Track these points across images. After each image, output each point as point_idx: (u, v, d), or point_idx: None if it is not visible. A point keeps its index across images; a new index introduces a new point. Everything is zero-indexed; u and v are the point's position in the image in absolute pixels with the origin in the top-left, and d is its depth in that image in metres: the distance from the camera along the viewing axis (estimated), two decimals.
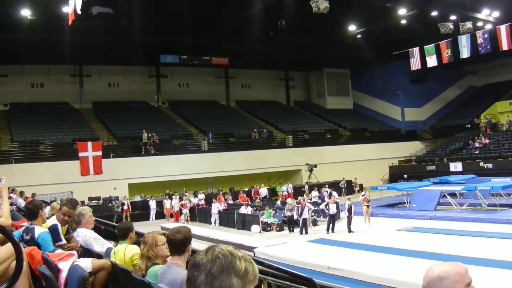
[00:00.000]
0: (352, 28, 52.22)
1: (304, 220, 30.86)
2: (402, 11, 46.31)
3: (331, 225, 30.61)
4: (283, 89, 70.93)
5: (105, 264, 6.70)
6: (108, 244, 8.61)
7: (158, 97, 60.69)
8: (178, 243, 5.32)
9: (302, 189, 46.43)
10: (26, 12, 39.65)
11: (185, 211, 39.37)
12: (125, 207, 39.95)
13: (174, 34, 48.16)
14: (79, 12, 28.34)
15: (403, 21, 48.31)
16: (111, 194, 42.12)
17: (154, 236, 6.38)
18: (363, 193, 34.94)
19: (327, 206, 31.41)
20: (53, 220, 8.55)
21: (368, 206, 32.80)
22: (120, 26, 43.57)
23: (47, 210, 12.60)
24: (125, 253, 7.19)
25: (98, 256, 7.76)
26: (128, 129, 51.62)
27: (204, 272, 2.39)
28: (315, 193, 42.77)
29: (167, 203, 40.31)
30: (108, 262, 6.71)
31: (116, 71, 57.62)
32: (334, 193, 39.45)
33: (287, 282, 7.99)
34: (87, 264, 6.67)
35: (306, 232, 30.69)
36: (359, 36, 54.16)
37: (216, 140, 53.47)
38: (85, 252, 7.89)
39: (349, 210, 30.53)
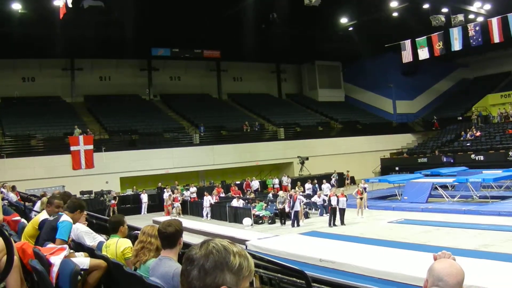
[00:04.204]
0: (344, 20, 52.20)
1: (296, 212, 30.88)
2: (394, 4, 46.38)
3: (332, 218, 30.56)
4: (275, 81, 70.93)
5: (102, 264, 6.69)
6: (100, 238, 8.60)
7: (149, 91, 60.55)
8: (170, 236, 5.32)
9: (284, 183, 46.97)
10: (17, 6, 39.52)
11: (177, 204, 39.30)
12: (113, 201, 39.78)
13: (165, 27, 48.04)
14: (70, 5, 28.28)
15: (395, 14, 48.34)
16: (102, 188, 42.03)
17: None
18: (362, 185, 34.94)
19: (329, 199, 31.34)
20: (44, 215, 8.52)
21: (361, 199, 32.77)
22: (111, 19, 43.45)
23: (38, 204, 12.59)
24: (117, 246, 7.21)
25: (90, 250, 7.75)
26: (120, 122, 51.45)
27: (197, 267, 2.39)
28: (308, 185, 42.81)
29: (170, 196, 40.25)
30: (105, 263, 6.69)
31: (108, 64, 57.46)
32: (327, 185, 39.59)
33: (278, 275, 8.01)
34: (85, 261, 6.67)
35: (298, 225, 30.74)
36: (351, 28, 54.20)
37: (208, 133, 53.44)
38: (77, 246, 7.87)
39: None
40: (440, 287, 2.89)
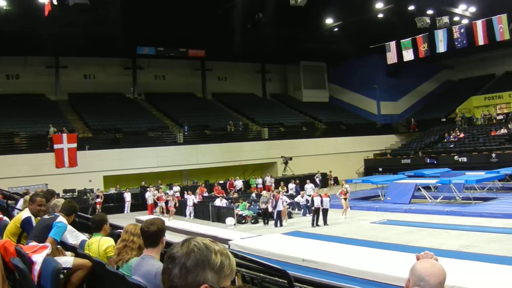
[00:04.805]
0: (329, 21, 52.13)
1: (279, 212, 30.88)
2: (379, 5, 46.42)
3: (315, 218, 30.52)
4: (260, 81, 70.92)
5: (86, 264, 6.69)
6: (83, 236, 8.60)
7: (134, 89, 60.46)
8: (152, 235, 5.32)
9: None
10: (1, 3, 39.18)
11: (161, 203, 39.19)
12: (99, 199, 39.71)
13: (151, 25, 47.82)
14: (55, 2, 28.20)
15: (380, 15, 48.39)
16: (86, 187, 41.83)
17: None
18: (346, 186, 34.98)
19: (312, 199, 31.36)
20: (26, 213, 8.50)
21: (345, 199, 32.83)
22: (96, 17, 43.21)
23: (20, 202, 12.56)
24: (99, 245, 7.22)
25: (73, 248, 7.75)
26: (104, 121, 51.28)
27: (178, 265, 2.39)
28: (291, 185, 42.88)
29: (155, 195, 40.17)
30: (90, 262, 6.69)
31: (93, 62, 57.18)
32: (310, 186, 39.63)
33: (261, 274, 8.02)
34: (68, 260, 6.67)
35: (281, 225, 30.75)
36: (336, 29, 54.13)
37: (192, 132, 53.48)
38: (60, 244, 7.85)
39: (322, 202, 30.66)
40: (422, 287, 2.90)
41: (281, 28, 49.39)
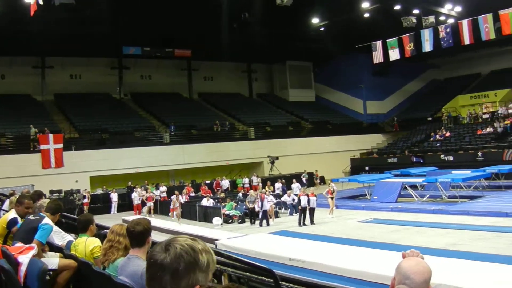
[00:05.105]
0: (315, 21, 52.20)
1: (265, 212, 30.91)
2: (365, 5, 46.55)
3: (302, 217, 30.49)
4: (246, 81, 70.81)
5: (72, 264, 6.70)
6: (69, 237, 8.58)
7: (120, 89, 60.25)
8: (138, 235, 5.30)
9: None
10: None
11: (150, 203, 39.12)
12: (86, 200, 39.58)
13: (137, 25, 47.68)
14: (41, 2, 28.09)
15: (366, 15, 48.49)
16: (72, 187, 41.55)
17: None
18: (332, 185, 34.98)
19: (299, 199, 31.36)
20: (12, 214, 8.48)
21: (332, 198, 32.89)
22: (83, 17, 43.07)
23: (6, 203, 12.50)
24: (86, 245, 7.20)
25: (59, 249, 7.73)
26: (90, 121, 51.04)
27: (169, 271, 2.41)
28: (278, 185, 42.92)
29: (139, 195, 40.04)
30: (75, 263, 6.68)
31: (79, 62, 56.82)
32: (297, 185, 39.66)
33: (247, 273, 8.02)
34: (54, 261, 6.66)
35: (268, 224, 30.77)
36: (322, 29, 54.20)
37: (178, 132, 53.43)
38: (46, 245, 7.84)
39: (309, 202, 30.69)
40: (407, 285, 2.91)
41: (268, 27, 49.42)
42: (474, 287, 13.74)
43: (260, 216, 31.19)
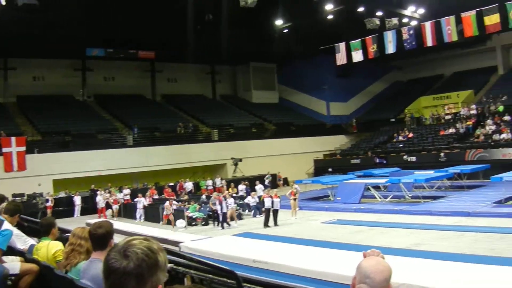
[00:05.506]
0: (279, 22, 52.26)
1: (224, 214, 30.97)
2: (329, 7, 46.72)
3: (267, 219, 30.60)
4: (209, 83, 70.77)
5: (33, 268, 6.62)
6: (31, 241, 8.44)
7: (83, 91, 59.70)
8: (100, 238, 5.24)
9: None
10: None
11: (115, 206, 39.01)
12: (49, 203, 39.23)
13: (100, 27, 47.31)
14: (3, 2, 27.77)
15: (330, 16, 48.69)
16: (35, 191, 41.24)
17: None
18: (295, 186, 35.06)
19: (262, 200, 31.46)
20: None
21: (295, 200, 32.96)
22: (46, 18, 42.66)
23: None
24: (48, 249, 7.16)
25: (21, 253, 7.62)
26: (53, 123, 50.54)
27: (133, 277, 2.39)
28: (241, 186, 42.93)
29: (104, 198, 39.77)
30: (37, 267, 6.59)
31: (42, 64, 56.26)
32: (260, 186, 39.68)
33: (210, 275, 7.96)
34: (15, 266, 6.57)
35: (229, 225, 31.04)
36: (286, 30, 54.31)
37: (142, 134, 53.14)
38: (8, 249, 7.71)
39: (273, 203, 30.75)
40: (368, 284, 2.90)
41: (231, 29, 49.34)
42: (436, 286, 13.81)
43: (220, 219, 31.20)
